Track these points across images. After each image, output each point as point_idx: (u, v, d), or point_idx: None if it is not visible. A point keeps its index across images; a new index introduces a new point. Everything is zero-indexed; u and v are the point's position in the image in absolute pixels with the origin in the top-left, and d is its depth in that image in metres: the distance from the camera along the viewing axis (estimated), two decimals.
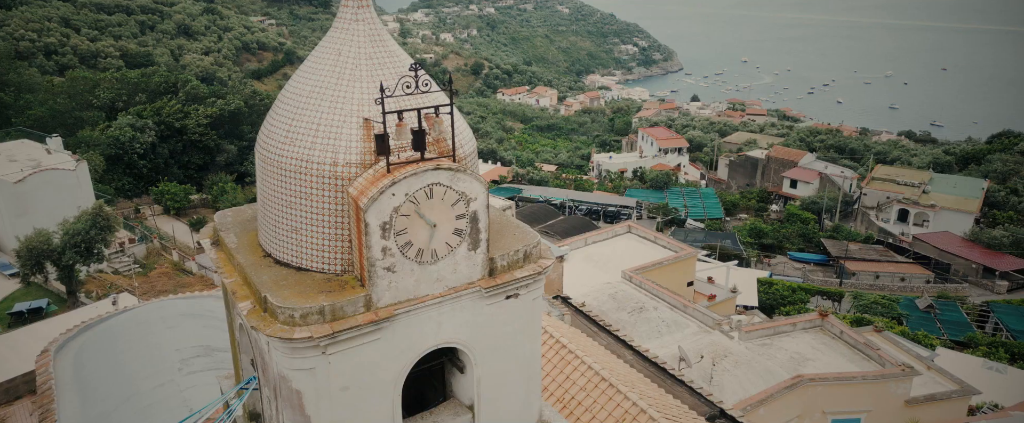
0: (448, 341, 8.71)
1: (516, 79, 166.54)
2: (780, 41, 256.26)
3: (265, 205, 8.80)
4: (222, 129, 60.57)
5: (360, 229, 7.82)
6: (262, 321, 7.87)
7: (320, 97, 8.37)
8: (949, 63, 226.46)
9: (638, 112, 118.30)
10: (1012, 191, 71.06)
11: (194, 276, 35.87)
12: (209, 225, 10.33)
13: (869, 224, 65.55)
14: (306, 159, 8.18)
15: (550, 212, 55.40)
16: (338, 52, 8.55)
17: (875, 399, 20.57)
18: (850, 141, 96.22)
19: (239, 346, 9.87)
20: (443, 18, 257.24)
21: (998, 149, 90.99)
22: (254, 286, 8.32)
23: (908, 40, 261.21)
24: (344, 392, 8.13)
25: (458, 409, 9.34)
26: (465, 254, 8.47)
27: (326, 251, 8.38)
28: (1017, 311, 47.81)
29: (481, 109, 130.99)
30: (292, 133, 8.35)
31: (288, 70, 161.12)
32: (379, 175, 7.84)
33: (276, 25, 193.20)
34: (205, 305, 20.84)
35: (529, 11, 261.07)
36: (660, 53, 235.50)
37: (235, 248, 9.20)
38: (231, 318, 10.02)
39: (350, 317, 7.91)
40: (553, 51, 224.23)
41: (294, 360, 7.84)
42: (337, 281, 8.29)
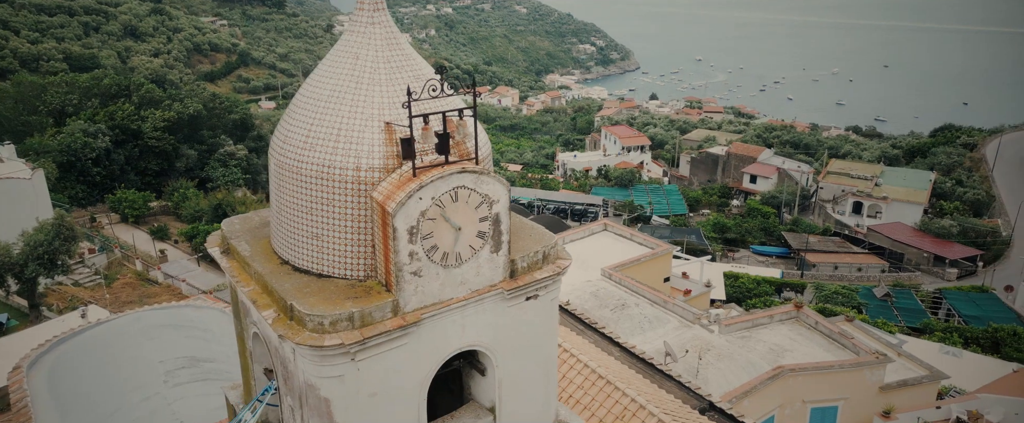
0: (472, 344, 8.74)
1: (477, 79, 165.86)
2: (732, 40, 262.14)
3: (282, 212, 8.67)
4: (181, 133, 58.95)
5: (387, 234, 7.79)
6: (290, 329, 7.77)
7: (339, 101, 8.30)
8: (891, 60, 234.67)
9: (599, 111, 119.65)
10: (957, 182, 74.30)
11: (160, 286, 34.87)
12: (215, 234, 10.13)
13: (826, 217, 67.69)
14: (328, 165, 8.10)
15: (520, 212, 55.58)
16: (356, 56, 8.48)
17: (851, 387, 21.29)
18: (803, 136, 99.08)
19: (251, 356, 9.70)
20: (400, 18, 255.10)
21: (941, 142, 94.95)
22: (277, 294, 8.20)
23: (852, 39, 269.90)
24: (372, 398, 8.09)
25: (479, 411, 9.35)
26: (487, 256, 8.51)
27: (348, 257, 8.32)
28: (967, 297, 50.00)
29: None
30: (312, 138, 8.25)
31: (243, 72, 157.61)
32: (405, 179, 7.82)
33: (228, 26, 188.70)
34: (185, 315, 20.33)
35: (487, 11, 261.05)
36: (617, 52, 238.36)
37: (250, 256, 9.04)
38: (242, 327, 9.84)
39: (378, 323, 7.87)
40: (512, 51, 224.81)
41: (323, 368, 7.76)
42: (361, 287, 8.23)
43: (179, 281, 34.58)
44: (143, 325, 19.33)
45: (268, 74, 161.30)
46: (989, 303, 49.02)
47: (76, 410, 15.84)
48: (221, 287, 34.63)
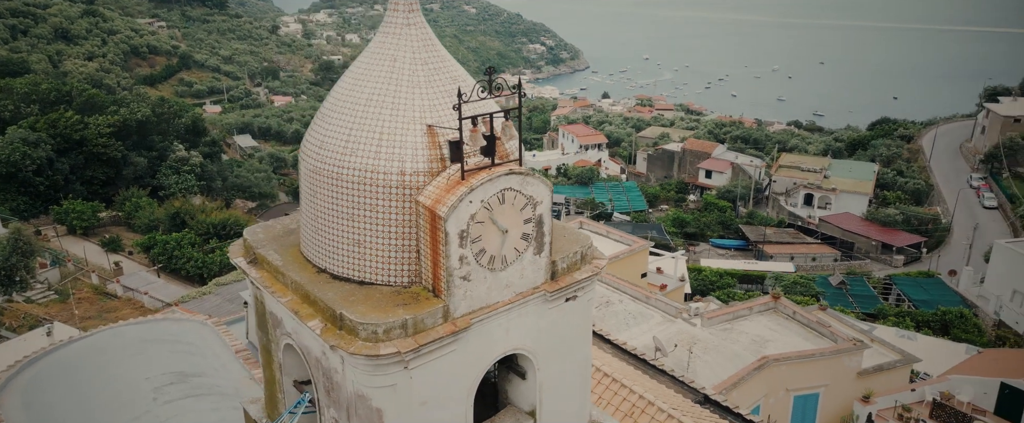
0: (515, 347, 8.68)
1: None
2: (678, 39, 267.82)
3: (319, 219, 8.44)
4: (128, 140, 56.59)
5: (437, 239, 7.67)
6: (342, 339, 7.58)
7: (380, 104, 8.14)
8: (826, 57, 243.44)
9: (554, 110, 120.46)
10: (898, 173, 77.74)
11: (120, 300, 33.43)
12: (238, 244, 9.78)
13: (779, 209, 69.87)
14: (371, 170, 7.93)
15: None
16: (393, 58, 8.33)
17: (831, 374, 22.03)
18: (751, 132, 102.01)
19: (281, 368, 9.40)
20: (347, 19, 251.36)
21: (880, 135, 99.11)
22: (322, 303, 7.98)
23: (790, 37, 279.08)
24: (423, 407, 7.96)
25: (519, 416, 9.30)
26: (531, 259, 8.48)
27: (392, 263, 8.16)
28: (915, 282, 52.38)
29: None
30: (352, 143, 8.06)
31: (185, 75, 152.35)
32: (454, 182, 7.71)
33: (167, 28, 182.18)
34: (165, 329, 19.57)
35: (436, 11, 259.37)
36: (567, 52, 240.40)
37: (282, 265, 8.77)
38: (269, 339, 9.53)
39: (430, 329, 7.75)
40: (463, 51, 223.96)
41: (376, 377, 7.59)
42: (407, 293, 8.09)
43: (140, 294, 33.20)
44: (122, 341, 18.52)
45: (212, 77, 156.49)
46: (936, 287, 51.45)
47: None
48: (186, 298, 33.42)
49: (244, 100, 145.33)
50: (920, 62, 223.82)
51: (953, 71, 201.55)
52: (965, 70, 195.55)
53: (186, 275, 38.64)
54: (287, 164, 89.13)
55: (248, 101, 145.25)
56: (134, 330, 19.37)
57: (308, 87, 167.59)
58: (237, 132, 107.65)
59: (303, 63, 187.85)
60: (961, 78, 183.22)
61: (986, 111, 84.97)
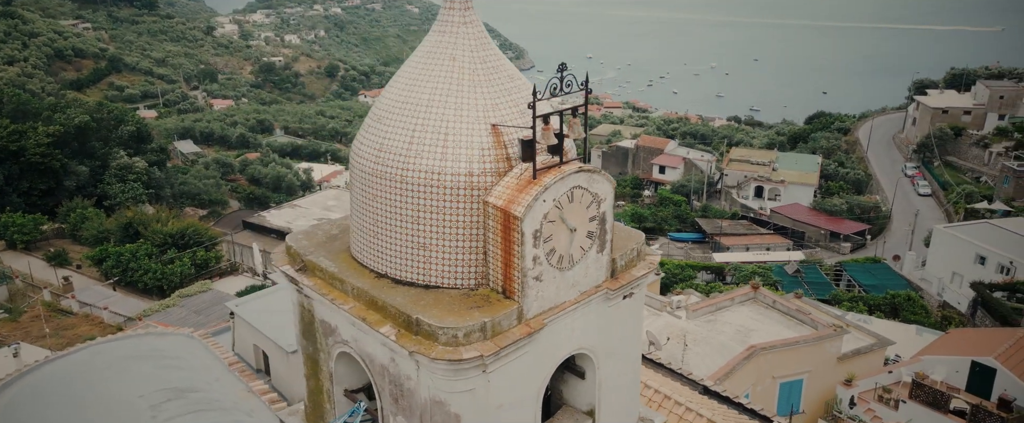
0: (579, 347, 8.67)
1: (375, 80, 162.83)
2: (619, 37, 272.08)
3: (378, 224, 8.22)
4: (68, 148, 53.67)
5: (511, 239, 7.59)
6: (421, 345, 7.41)
7: (443, 105, 7.98)
8: (759, 55, 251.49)
9: None
10: (839, 164, 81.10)
11: (76, 316, 31.73)
12: (280, 253, 9.43)
13: (732, 202, 71.94)
14: (437, 171, 7.77)
15: None
16: (452, 57, 8.19)
17: (814, 360, 22.80)
18: (698, 127, 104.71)
19: (332, 377, 9.11)
20: (286, 19, 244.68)
21: (818, 128, 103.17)
22: (392, 309, 7.78)
23: (725, 35, 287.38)
24: (498, 410, 7.87)
25: (577, 416, 9.27)
26: (594, 257, 8.47)
27: (459, 265, 8.03)
28: (864, 268, 54.72)
29: (346, 113, 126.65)
30: (416, 145, 7.89)
31: (115, 79, 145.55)
32: (525, 182, 7.64)
33: (93, 29, 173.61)
34: (148, 344, 18.68)
35: (378, 11, 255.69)
36: (512, 51, 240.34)
37: (339, 272, 8.51)
38: (317, 349, 9.22)
39: (507, 332, 7.67)
40: (407, 51, 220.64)
41: (456, 382, 7.46)
42: (477, 296, 7.97)
43: (99, 309, 31.58)
44: (105, 359, 17.58)
45: (145, 81, 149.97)
46: (882, 272, 53.87)
47: None
48: (148, 312, 31.99)
49: (181, 104, 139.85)
50: (846, 58, 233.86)
51: (878, 66, 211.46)
52: (888, 65, 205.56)
53: (144, 288, 36.94)
54: (235, 170, 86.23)
55: (186, 105, 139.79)
56: (115, 347, 18.42)
57: (249, 89, 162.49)
58: (178, 137, 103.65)
59: (242, 65, 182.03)
60: (886, 73, 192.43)
61: (916, 103, 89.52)
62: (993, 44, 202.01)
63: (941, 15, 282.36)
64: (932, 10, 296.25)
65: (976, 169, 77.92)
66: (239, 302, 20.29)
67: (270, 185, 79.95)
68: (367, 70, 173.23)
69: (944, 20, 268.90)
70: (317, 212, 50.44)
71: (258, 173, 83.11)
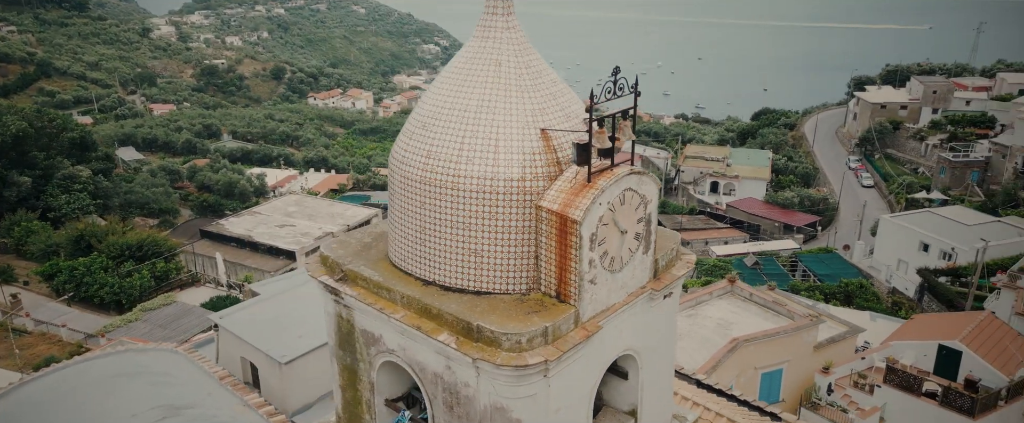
0: (626, 348, 8.75)
1: (323, 82, 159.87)
2: (566, 37, 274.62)
3: (426, 231, 8.13)
4: (5, 158, 50.90)
5: (568, 243, 7.62)
6: (483, 351, 7.36)
7: (492, 110, 7.95)
8: (703, 53, 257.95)
9: None
10: (788, 158, 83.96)
11: (32, 335, 30.17)
12: (314, 263, 9.21)
13: (689, 197, 73.61)
14: (490, 177, 7.74)
15: None
16: (497, 62, 8.16)
17: (793, 349, 23.55)
18: (651, 125, 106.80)
19: (374, 388, 8.95)
20: (226, 20, 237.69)
21: (766, 124, 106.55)
22: (449, 316, 7.71)
23: (670, 34, 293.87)
24: (557, 415, 7.89)
25: (620, 416, 9.35)
26: (640, 258, 8.58)
27: (511, 271, 8.01)
28: (817, 258, 56.83)
29: (295, 115, 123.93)
30: (466, 151, 7.84)
31: (45, 84, 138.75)
32: (580, 185, 7.68)
33: (18, 32, 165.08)
34: (133, 361, 17.99)
35: (323, 12, 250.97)
36: None
37: (384, 281, 8.37)
38: (356, 359, 9.05)
39: (566, 336, 7.69)
40: (355, 52, 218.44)
41: (518, 388, 7.45)
42: (530, 301, 7.97)
43: (57, 327, 30.09)
44: (89, 378, 16.89)
45: (78, 85, 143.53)
46: (835, 261, 56.07)
47: None
48: (109, 328, 30.67)
49: (119, 109, 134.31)
50: (783, 56, 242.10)
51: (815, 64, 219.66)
52: (825, 63, 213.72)
53: (100, 303, 35.37)
54: (183, 177, 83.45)
55: (124, 110, 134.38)
56: (97, 365, 17.70)
57: (191, 93, 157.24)
58: (118, 144, 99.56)
59: (182, 68, 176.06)
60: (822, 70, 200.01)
61: (856, 99, 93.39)
62: (922, 41, 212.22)
63: (872, 14, 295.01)
64: (864, 9, 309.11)
65: (914, 161, 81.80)
66: (223, 314, 19.69)
67: (222, 191, 77.69)
68: (314, 72, 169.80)
69: (876, 19, 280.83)
70: (279, 219, 49.31)
71: (208, 180, 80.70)
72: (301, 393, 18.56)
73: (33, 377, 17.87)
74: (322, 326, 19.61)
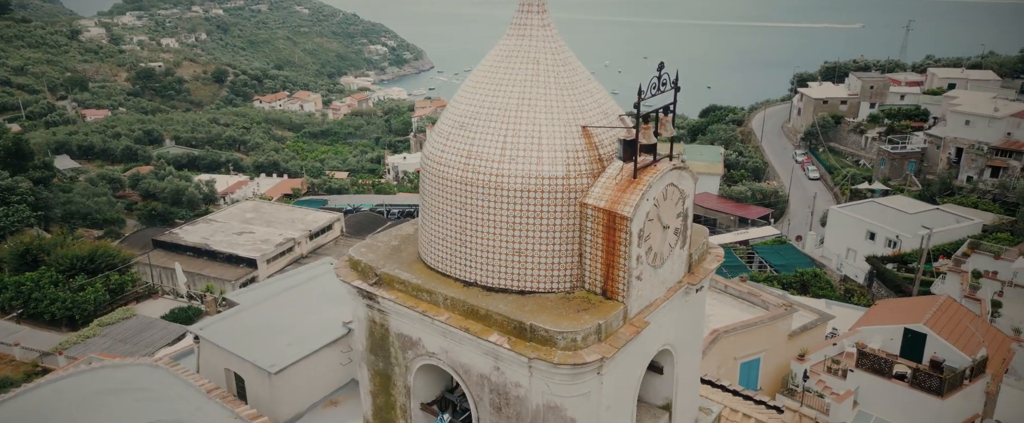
0: (665, 343, 8.81)
1: (268, 85, 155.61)
2: None
3: (467, 232, 8.02)
4: None
5: (616, 240, 7.62)
6: (538, 350, 7.30)
7: (533, 108, 7.90)
8: (648, 52, 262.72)
9: (411, 111, 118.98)
10: (739, 153, 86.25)
11: None
12: (343, 268, 8.95)
13: None
14: (534, 175, 7.69)
15: (378, 219, 53.80)
16: (535, 60, 8.12)
17: (769, 339, 24.17)
18: None
19: (411, 392, 8.77)
20: (161, 21, 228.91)
21: (714, 121, 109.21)
22: (498, 317, 7.63)
23: (616, 34, 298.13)
24: (607, 411, 7.89)
25: (654, 411, 9.41)
26: (678, 253, 8.66)
27: (555, 269, 7.98)
28: (772, 250, 58.55)
29: (241, 119, 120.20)
30: (510, 150, 7.76)
31: None
32: (626, 182, 7.69)
33: None
34: (114, 378, 17.17)
35: (264, 12, 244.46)
36: (410, 52, 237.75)
37: (423, 283, 8.20)
38: (390, 363, 8.85)
39: (617, 332, 7.69)
40: (299, 54, 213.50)
41: (573, 386, 7.42)
42: (576, 299, 7.95)
43: (9, 346, 28.43)
44: (71, 397, 16.07)
45: (3, 91, 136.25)
46: (789, 252, 57.89)
47: None
48: (65, 345, 29.16)
49: (49, 116, 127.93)
50: (725, 54, 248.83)
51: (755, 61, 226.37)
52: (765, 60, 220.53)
53: (52, 319, 33.60)
54: (125, 185, 79.98)
55: (54, 117, 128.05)
56: (74, 384, 16.85)
57: (126, 98, 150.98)
58: (52, 152, 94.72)
59: (116, 72, 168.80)
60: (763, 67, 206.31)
61: (800, 95, 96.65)
62: (856, 39, 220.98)
63: (809, 13, 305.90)
64: (801, 8, 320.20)
65: (855, 153, 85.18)
66: (204, 325, 18.95)
67: (169, 199, 74.88)
68: (259, 74, 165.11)
69: (812, 18, 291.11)
70: (236, 226, 47.83)
71: (153, 187, 77.63)
72: (291, 403, 18.02)
73: (3, 398, 16.88)
74: (312, 333, 19.13)
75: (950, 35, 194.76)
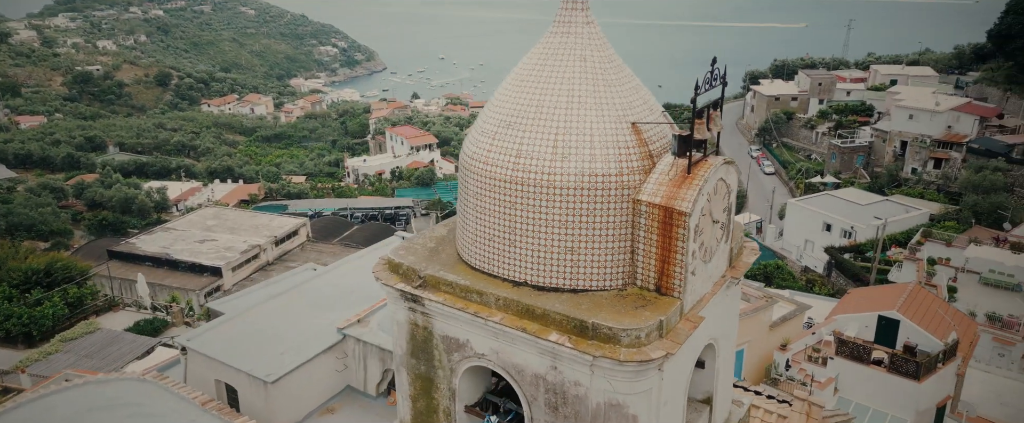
0: (710, 337, 8.85)
1: (215, 88, 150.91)
2: (468, 37, 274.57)
3: (516, 232, 7.90)
4: None
5: (674, 235, 7.62)
6: (601, 349, 7.23)
7: (583, 105, 7.83)
8: None
9: (367, 113, 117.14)
10: None
11: None
12: (383, 271, 8.70)
13: None
14: (588, 173, 7.63)
15: (343, 223, 52.77)
16: (582, 57, 8.05)
17: (752, 330, 24.64)
18: None
19: (456, 395, 8.59)
20: (96, 23, 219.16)
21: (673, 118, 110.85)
22: (556, 316, 7.54)
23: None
24: (665, 407, 7.88)
25: (695, 405, 9.43)
26: (722, 247, 8.71)
27: (607, 267, 7.93)
28: None
29: (189, 124, 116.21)
30: (561, 148, 7.68)
31: None
32: (680, 177, 7.70)
33: None
34: (103, 395, 16.41)
35: (207, 13, 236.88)
36: (362, 53, 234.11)
37: (472, 284, 8.04)
38: (433, 366, 8.65)
39: (675, 328, 7.69)
40: (246, 56, 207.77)
41: (637, 383, 7.39)
42: (631, 296, 7.91)
43: None
44: (64, 414, 15.40)
45: None
46: None
47: None
48: (26, 362, 27.66)
49: None
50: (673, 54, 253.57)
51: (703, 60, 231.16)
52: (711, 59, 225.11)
53: (7, 336, 31.80)
54: (68, 194, 76.50)
55: None
56: (61, 401, 16.10)
57: (63, 103, 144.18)
58: None
59: (50, 76, 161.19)
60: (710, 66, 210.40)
61: (752, 92, 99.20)
62: (801, 38, 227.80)
63: (754, 13, 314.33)
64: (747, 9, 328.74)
65: (807, 148, 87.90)
66: (191, 336, 18.26)
67: (117, 208, 71.95)
68: (205, 77, 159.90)
69: (758, 18, 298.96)
70: (197, 234, 46.24)
71: (100, 196, 74.47)
72: (287, 412, 17.53)
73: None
74: (305, 340, 18.61)
75: (889, 34, 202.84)
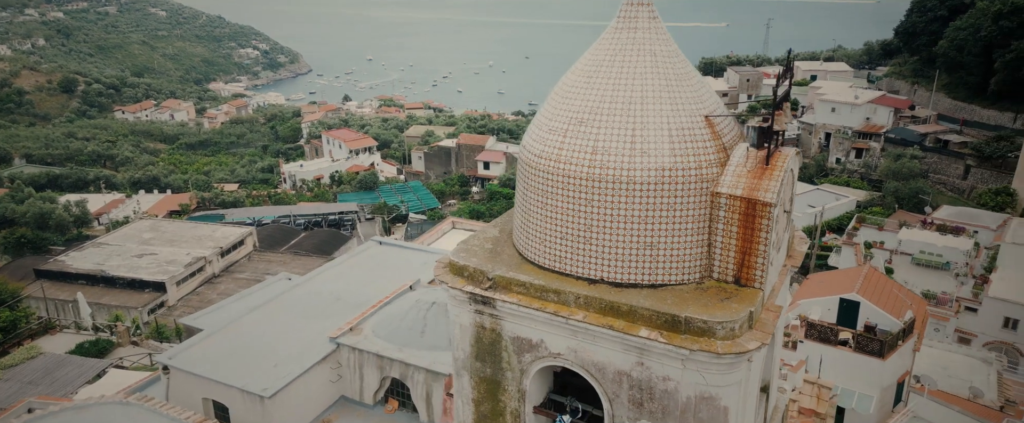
0: None
1: (128, 94, 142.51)
2: (396, 38, 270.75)
3: (592, 229, 7.77)
4: None
5: (756, 227, 7.66)
6: (697, 342, 7.20)
7: (659, 101, 7.77)
8: (530, 52, 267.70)
9: (297, 117, 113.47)
10: None
11: None
12: (446, 274, 8.39)
13: None
14: (668, 168, 7.58)
15: (289, 231, 50.92)
16: (652, 53, 7.98)
17: None
18: (504, 123, 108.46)
19: (525, 396, 8.37)
20: None
21: None
22: (643, 312, 7.47)
23: (497, 34, 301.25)
24: (750, 398, 7.92)
25: None
26: (784, 237, 8.82)
27: (686, 261, 7.91)
28: None
29: (103, 132, 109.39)
30: (639, 144, 7.60)
31: None
32: (759, 169, 7.75)
33: None
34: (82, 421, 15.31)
35: (113, 15, 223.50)
36: (285, 56, 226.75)
37: (547, 284, 7.86)
38: (501, 368, 8.41)
39: (761, 319, 7.73)
40: (159, 59, 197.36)
41: (730, 375, 7.40)
42: (710, 288, 7.91)
43: None
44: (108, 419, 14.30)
45: None
46: None
47: None
48: None
49: None
50: None
51: None
52: None
53: None
54: None
55: None
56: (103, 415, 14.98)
57: None
58: None
59: None
60: None
61: None
62: (723, 37, 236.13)
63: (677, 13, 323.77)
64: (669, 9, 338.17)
65: None
66: (172, 354, 17.21)
67: (33, 224, 66.96)
68: (115, 83, 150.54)
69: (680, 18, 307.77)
70: (134, 248, 43.58)
71: (12, 212, 69.11)
72: None
73: None
74: (298, 352, 17.83)
75: (805, 32, 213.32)
